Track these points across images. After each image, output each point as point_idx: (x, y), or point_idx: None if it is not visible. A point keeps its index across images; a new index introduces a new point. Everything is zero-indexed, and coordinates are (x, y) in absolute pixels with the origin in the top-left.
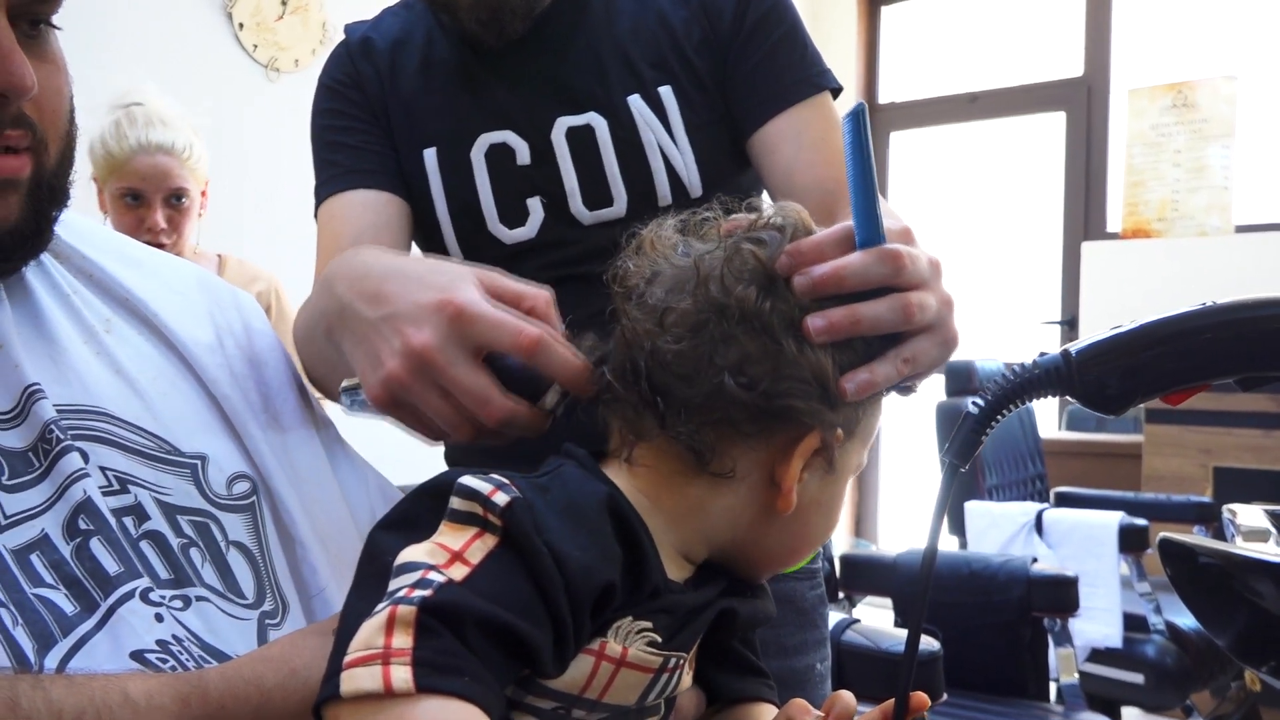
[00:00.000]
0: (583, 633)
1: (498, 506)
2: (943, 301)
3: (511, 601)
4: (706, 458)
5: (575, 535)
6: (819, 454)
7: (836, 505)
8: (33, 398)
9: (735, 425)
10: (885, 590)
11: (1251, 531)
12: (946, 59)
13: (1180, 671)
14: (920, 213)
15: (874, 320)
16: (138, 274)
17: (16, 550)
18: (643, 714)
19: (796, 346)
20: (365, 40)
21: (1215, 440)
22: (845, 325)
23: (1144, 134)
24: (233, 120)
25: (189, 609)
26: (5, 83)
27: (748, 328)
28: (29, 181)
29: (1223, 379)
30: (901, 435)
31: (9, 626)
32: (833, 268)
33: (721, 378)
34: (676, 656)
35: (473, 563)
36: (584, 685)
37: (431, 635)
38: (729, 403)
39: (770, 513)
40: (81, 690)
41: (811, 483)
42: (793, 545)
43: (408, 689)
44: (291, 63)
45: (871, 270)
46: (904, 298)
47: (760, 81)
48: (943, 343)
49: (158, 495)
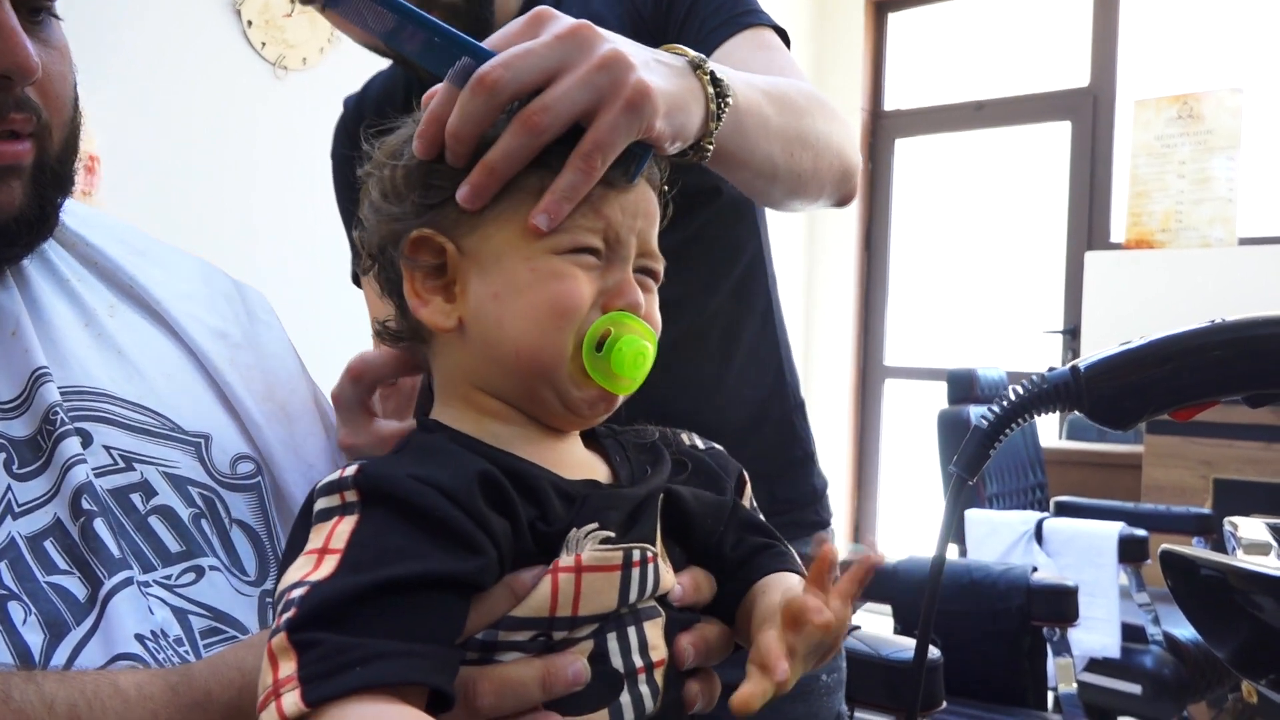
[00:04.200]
0: (490, 527)
1: (349, 479)
2: (593, 69)
3: (393, 551)
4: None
5: (431, 463)
6: (427, 273)
7: (520, 288)
8: (39, 381)
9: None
10: (885, 597)
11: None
12: (953, 67)
13: (1177, 682)
14: (924, 220)
15: (506, 158)
16: (142, 261)
17: (31, 537)
18: (638, 617)
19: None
20: (357, 108)
21: (1216, 452)
22: (485, 181)
23: (1149, 145)
24: (240, 118)
25: (202, 579)
26: (9, 64)
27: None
28: (32, 167)
29: (1231, 396)
30: (900, 442)
31: (17, 623)
32: (447, 134)
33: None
34: (640, 548)
35: (340, 547)
36: (551, 605)
37: (309, 648)
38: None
39: (463, 337)
40: (73, 684)
41: (468, 288)
42: (510, 344)
43: (300, 711)
44: (300, 61)
45: (471, 109)
46: (522, 115)
47: (688, 39)
48: (625, 108)
49: (165, 469)
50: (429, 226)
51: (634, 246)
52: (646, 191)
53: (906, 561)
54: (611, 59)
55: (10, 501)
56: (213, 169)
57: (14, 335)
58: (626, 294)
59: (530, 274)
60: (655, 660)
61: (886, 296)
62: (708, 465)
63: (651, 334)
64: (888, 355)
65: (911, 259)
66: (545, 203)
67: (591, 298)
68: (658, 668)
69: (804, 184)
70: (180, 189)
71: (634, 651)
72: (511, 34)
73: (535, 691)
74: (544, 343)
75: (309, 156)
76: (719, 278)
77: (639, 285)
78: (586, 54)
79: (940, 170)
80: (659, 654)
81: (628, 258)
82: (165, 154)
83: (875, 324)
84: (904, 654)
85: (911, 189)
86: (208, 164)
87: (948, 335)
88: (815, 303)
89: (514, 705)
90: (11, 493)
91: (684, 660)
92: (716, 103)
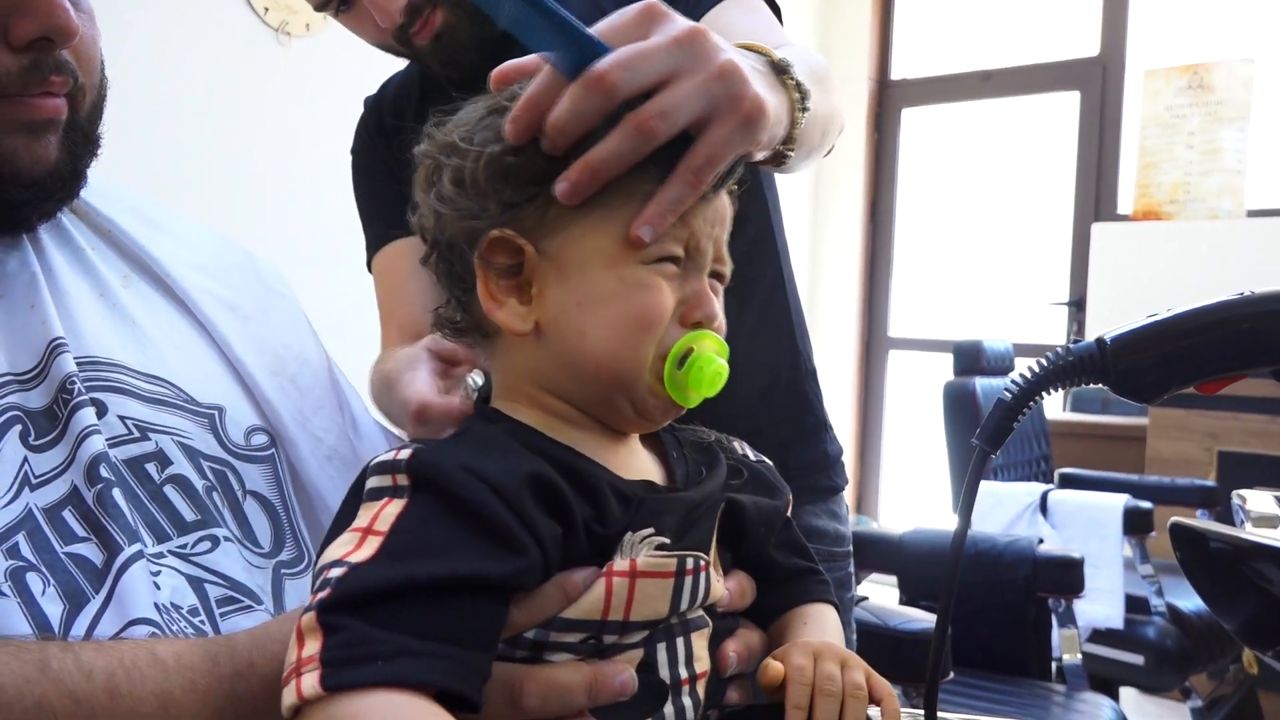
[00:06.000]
0: (536, 528)
1: (402, 463)
2: (711, 78)
3: (434, 545)
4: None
5: (487, 456)
6: (501, 273)
7: (604, 297)
8: (56, 351)
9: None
10: (891, 568)
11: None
12: (961, 36)
13: (1180, 654)
14: (931, 190)
15: (612, 159)
16: (154, 233)
17: (48, 508)
18: (686, 627)
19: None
20: (375, 108)
21: (1220, 425)
22: (587, 180)
23: (1158, 115)
24: (242, 84)
25: (217, 549)
26: (51, 26)
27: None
28: (65, 125)
29: (1259, 369)
30: (903, 413)
31: (36, 595)
32: (549, 125)
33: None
34: (694, 557)
35: (384, 530)
36: (604, 608)
37: (336, 632)
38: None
39: (539, 341)
40: (110, 653)
41: (547, 292)
42: (590, 353)
43: (316, 694)
44: (303, 27)
45: (583, 107)
46: (635, 118)
47: (678, 4)
48: (742, 123)
49: (179, 439)
50: (509, 227)
51: (710, 254)
52: (723, 196)
53: (912, 533)
54: (729, 70)
55: (27, 473)
56: (214, 137)
57: (33, 308)
58: (705, 305)
59: (617, 283)
60: (699, 672)
61: (891, 267)
62: (763, 475)
63: (726, 350)
64: (892, 326)
65: (917, 229)
66: (649, 213)
67: (673, 308)
68: (700, 679)
69: (819, 153)
70: (181, 158)
71: (680, 663)
72: (621, 27)
73: (581, 697)
74: (626, 354)
75: (313, 124)
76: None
77: (710, 289)
78: (705, 62)
79: (947, 140)
80: (703, 665)
81: (704, 266)
82: (166, 122)
83: (880, 295)
84: (911, 624)
85: (918, 159)
86: (209, 132)
87: (952, 306)
88: (820, 273)
89: (559, 708)
90: (29, 464)
91: (727, 668)
92: (800, 109)
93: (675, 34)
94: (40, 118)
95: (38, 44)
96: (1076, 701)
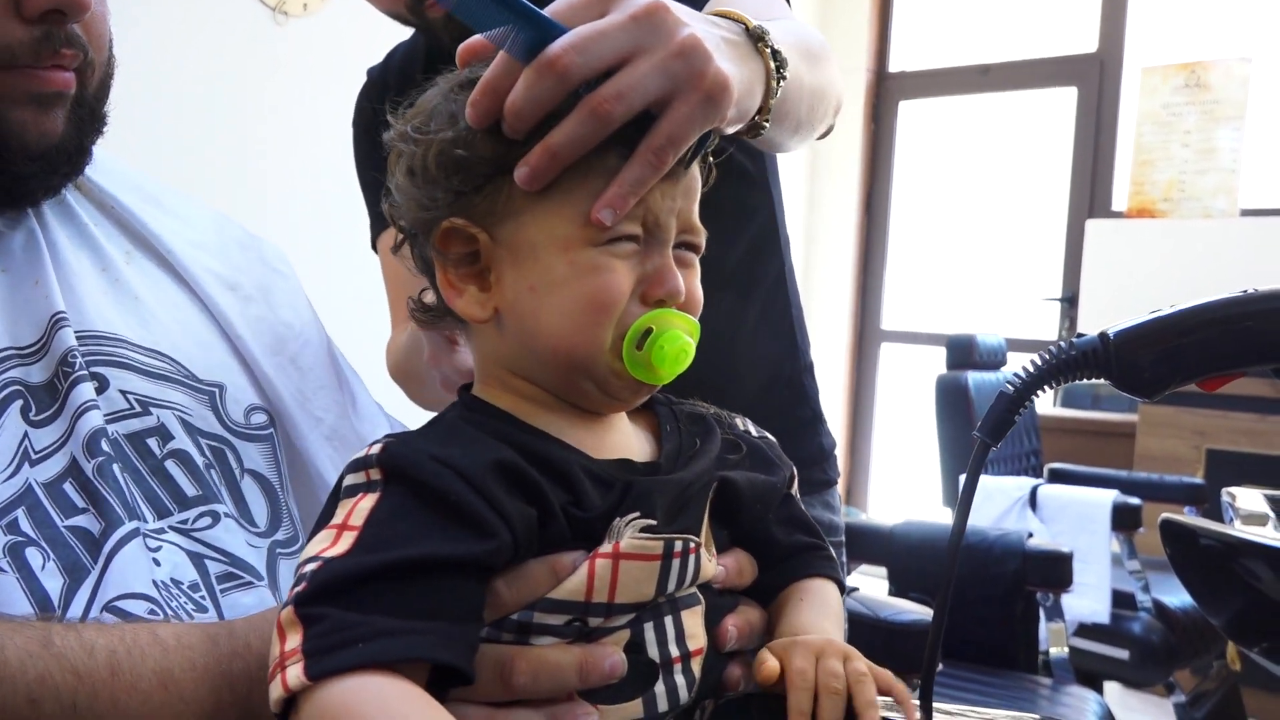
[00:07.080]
0: (505, 511)
1: (374, 458)
2: (670, 55)
3: (407, 533)
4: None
5: (454, 445)
6: (458, 261)
7: (556, 282)
8: (58, 325)
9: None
10: (881, 560)
11: (1250, 515)
12: (959, 30)
13: (1165, 649)
14: (926, 183)
15: (571, 143)
16: (156, 211)
17: (48, 483)
18: (675, 606)
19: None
20: (380, 78)
21: (1209, 422)
22: (546, 164)
23: (1155, 113)
24: (239, 65)
25: (217, 525)
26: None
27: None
28: (73, 100)
29: (1261, 366)
30: (893, 405)
31: (36, 570)
32: (505, 109)
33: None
34: (683, 539)
35: (358, 525)
36: (587, 590)
37: (316, 622)
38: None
39: (500, 328)
40: (112, 632)
41: (503, 279)
42: (546, 338)
43: (302, 684)
44: (300, 6)
45: (536, 92)
46: (590, 101)
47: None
48: (703, 100)
49: (181, 414)
50: (460, 216)
51: (674, 228)
52: (693, 169)
53: (902, 525)
54: (690, 46)
55: (28, 448)
56: (212, 117)
57: (36, 284)
58: (666, 281)
59: (568, 268)
60: (693, 649)
61: (885, 260)
62: (762, 450)
63: (693, 325)
64: (884, 319)
65: (912, 222)
66: (610, 195)
67: (630, 287)
68: (695, 656)
69: (814, 131)
70: (178, 137)
71: (670, 641)
72: (579, 5)
73: (571, 677)
74: (580, 338)
75: (311, 104)
76: (731, 241)
77: (680, 260)
78: (663, 39)
79: (944, 134)
80: (697, 643)
81: (667, 240)
82: (163, 101)
83: (873, 287)
84: (901, 616)
85: (914, 152)
86: (206, 112)
87: (944, 300)
88: (814, 265)
89: (549, 688)
90: (29, 440)
91: (726, 642)
92: (776, 78)
93: (632, 11)
94: (49, 90)
95: (50, 16)
96: (1062, 695)
